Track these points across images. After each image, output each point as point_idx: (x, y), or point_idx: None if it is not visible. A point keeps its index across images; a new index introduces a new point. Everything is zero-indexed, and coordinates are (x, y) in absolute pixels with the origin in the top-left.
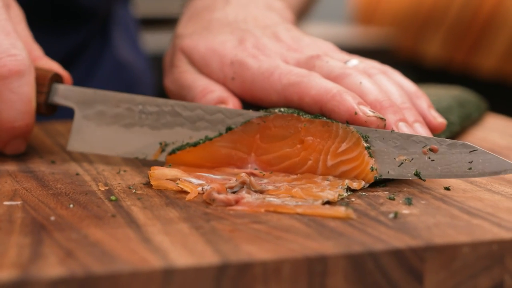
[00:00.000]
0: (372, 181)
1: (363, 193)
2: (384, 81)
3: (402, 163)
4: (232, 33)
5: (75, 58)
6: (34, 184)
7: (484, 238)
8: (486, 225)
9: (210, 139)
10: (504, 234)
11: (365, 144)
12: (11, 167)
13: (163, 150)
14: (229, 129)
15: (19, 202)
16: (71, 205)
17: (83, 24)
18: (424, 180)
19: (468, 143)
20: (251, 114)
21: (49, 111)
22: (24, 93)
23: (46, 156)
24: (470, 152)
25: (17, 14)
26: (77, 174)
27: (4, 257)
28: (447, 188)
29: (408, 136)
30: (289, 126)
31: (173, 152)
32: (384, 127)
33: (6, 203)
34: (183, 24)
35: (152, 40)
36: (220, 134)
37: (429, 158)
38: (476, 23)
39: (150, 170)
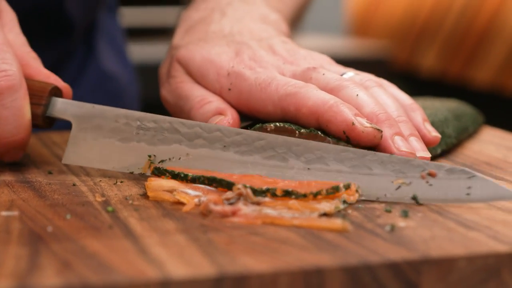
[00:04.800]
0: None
1: (360, 205)
2: (380, 93)
3: (399, 186)
4: (228, 45)
5: (59, 68)
6: (31, 195)
7: (480, 251)
8: (482, 238)
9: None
10: (500, 247)
11: None
12: (8, 177)
13: (152, 162)
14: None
15: (16, 213)
16: (68, 216)
17: (65, 35)
18: (422, 205)
19: (467, 169)
20: (249, 133)
21: (47, 124)
22: (17, 108)
23: (42, 167)
24: (468, 178)
25: (10, 19)
26: (74, 184)
27: (1, 268)
28: None
29: (407, 160)
30: None
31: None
32: (381, 138)
33: (3, 213)
34: (180, 36)
35: (139, 51)
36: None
37: (427, 182)
38: (471, 35)
39: (147, 181)
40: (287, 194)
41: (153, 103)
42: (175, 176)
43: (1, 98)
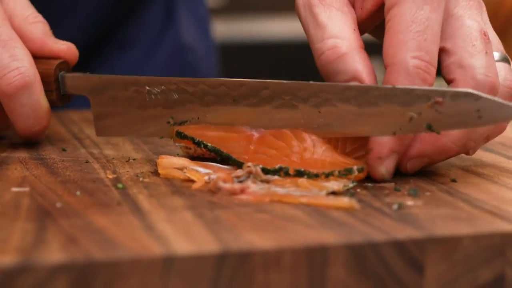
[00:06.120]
0: None
1: (369, 184)
2: None
3: (411, 118)
4: None
5: (136, 36)
6: (44, 171)
7: (486, 230)
8: (489, 217)
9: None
10: (506, 227)
11: None
12: (22, 154)
13: (175, 124)
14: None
15: (27, 189)
16: (78, 192)
17: (147, 3)
18: (439, 133)
19: (472, 91)
20: (251, 83)
21: (65, 100)
22: (35, 102)
23: (57, 144)
24: (475, 100)
25: None
26: (87, 161)
27: (7, 242)
28: (453, 180)
29: (410, 90)
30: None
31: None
32: None
33: (14, 189)
34: None
35: (223, 29)
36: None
37: (436, 110)
38: (497, 20)
39: (158, 159)
40: (299, 174)
41: None
42: (198, 144)
43: (18, 97)
